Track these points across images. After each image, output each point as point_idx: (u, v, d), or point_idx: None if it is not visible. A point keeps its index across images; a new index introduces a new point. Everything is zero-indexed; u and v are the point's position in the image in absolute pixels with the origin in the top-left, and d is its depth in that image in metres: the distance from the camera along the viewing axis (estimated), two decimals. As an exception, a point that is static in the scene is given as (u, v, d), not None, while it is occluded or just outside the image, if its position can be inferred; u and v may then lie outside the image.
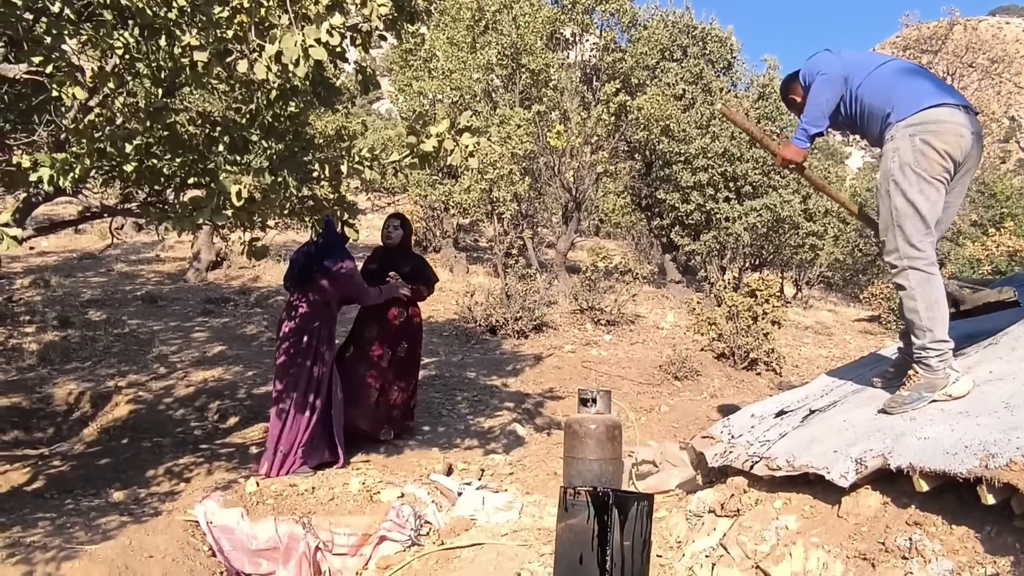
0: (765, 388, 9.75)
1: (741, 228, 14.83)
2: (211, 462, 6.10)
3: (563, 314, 12.45)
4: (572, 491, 3.56)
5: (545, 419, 7.84)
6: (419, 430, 7.12)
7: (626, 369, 9.79)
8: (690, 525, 4.20)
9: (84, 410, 7.79)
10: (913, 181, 3.75)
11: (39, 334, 10.39)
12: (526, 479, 5.96)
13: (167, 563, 4.39)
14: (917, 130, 3.78)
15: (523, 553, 4.52)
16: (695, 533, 4.07)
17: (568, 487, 3.62)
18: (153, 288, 13.80)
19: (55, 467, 6.09)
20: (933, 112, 3.78)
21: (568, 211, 14.91)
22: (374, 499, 5.22)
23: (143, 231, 20.36)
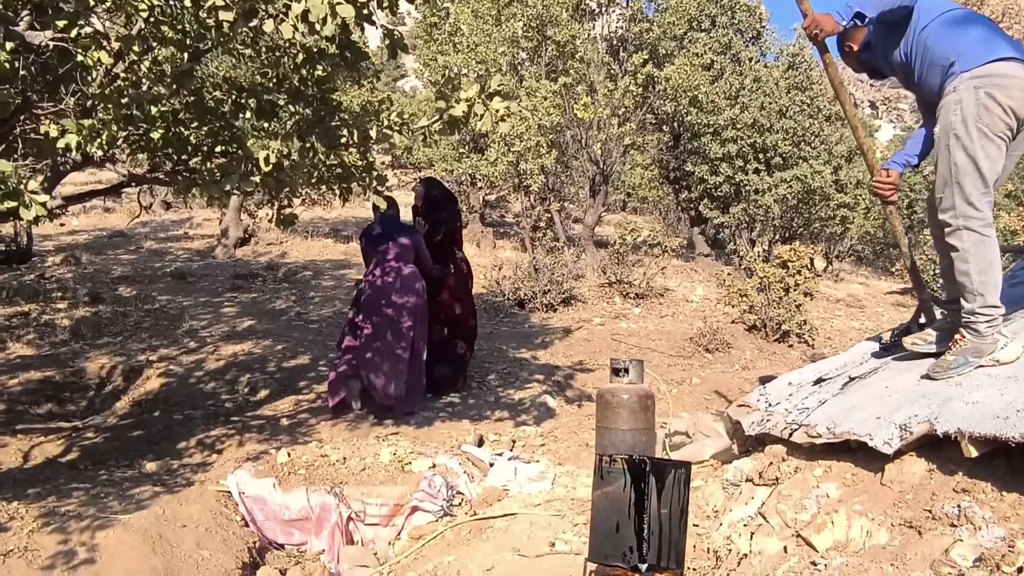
0: (797, 360, 9.62)
1: (771, 200, 14.64)
2: (242, 434, 6.11)
3: (591, 287, 12.36)
4: (608, 459, 3.50)
5: (575, 391, 7.78)
6: (449, 402, 7.09)
7: (656, 342, 9.70)
8: (727, 494, 4.13)
9: (116, 384, 7.83)
10: (975, 137, 3.58)
11: (71, 310, 10.47)
12: (557, 450, 5.91)
13: (200, 532, 4.39)
14: (982, 83, 3.59)
15: (557, 523, 4.47)
16: (732, 502, 4.00)
17: (600, 455, 3.56)
18: (182, 264, 13.86)
19: (88, 439, 6.12)
20: (1001, 66, 3.59)
21: (595, 184, 14.77)
22: (405, 469, 5.19)
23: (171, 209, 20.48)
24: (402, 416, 6.61)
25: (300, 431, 6.27)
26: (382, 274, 6.80)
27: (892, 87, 58.11)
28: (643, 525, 3.37)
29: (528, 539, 4.23)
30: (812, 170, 14.45)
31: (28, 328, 9.74)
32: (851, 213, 16.19)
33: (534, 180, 12.82)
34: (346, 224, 18.30)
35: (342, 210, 20.24)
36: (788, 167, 14.90)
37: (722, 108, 15.16)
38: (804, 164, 14.57)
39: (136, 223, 18.49)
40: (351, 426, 6.40)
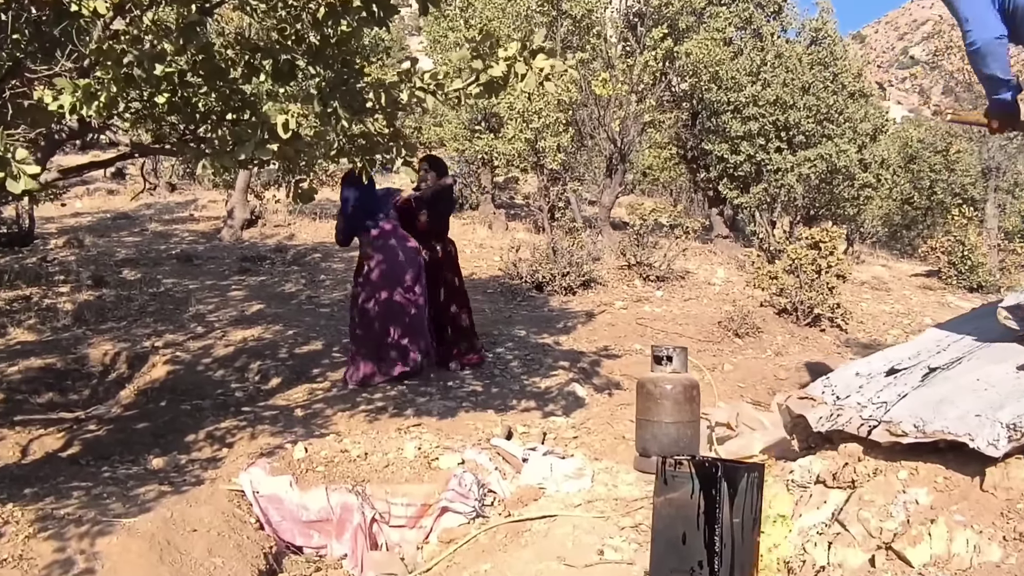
0: (831, 345, 9.23)
1: (793, 179, 14.19)
2: (254, 426, 5.73)
3: (610, 270, 11.95)
4: (673, 461, 3.11)
5: (603, 379, 7.39)
6: (472, 391, 6.70)
7: (683, 326, 9.30)
8: (794, 497, 3.73)
9: (120, 371, 7.46)
10: None
11: (73, 294, 10.10)
12: (592, 443, 5.53)
13: (212, 537, 4.02)
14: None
15: (601, 526, 4.09)
16: (802, 506, 3.60)
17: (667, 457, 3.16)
18: (187, 247, 13.49)
19: (91, 432, 5.75)
20: None
21: (613, 163, 14.32)
22: (432, 466, 4.81)
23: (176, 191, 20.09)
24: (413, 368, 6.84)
25: (316, 422, 5.89)
26: (386, 256, 6.90)
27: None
28: (714, 537, 2.98)
29: (573, 545, 3.84)
30: (837, 148, 14.00)
31: (29, 313, 9.37)
32: (874, 193, 15.76)
33: (553, 158, 12.38)
34: (355, 207, 17.81)
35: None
36: (811, 145, 14.46)
37: (743, 85, 14.69)
38: (829, 143, 14.11)
39: (140, 205, 18.12)
40: (370, 417, 6.02)
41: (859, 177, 14.73)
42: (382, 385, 6.76)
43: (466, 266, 12.13)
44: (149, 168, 20.51)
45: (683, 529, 3.05)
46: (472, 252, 13.28)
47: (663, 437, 4.90)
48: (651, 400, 4.94)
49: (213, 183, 17.29)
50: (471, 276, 11.48)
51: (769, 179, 14.61)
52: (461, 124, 15.27)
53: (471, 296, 10.32)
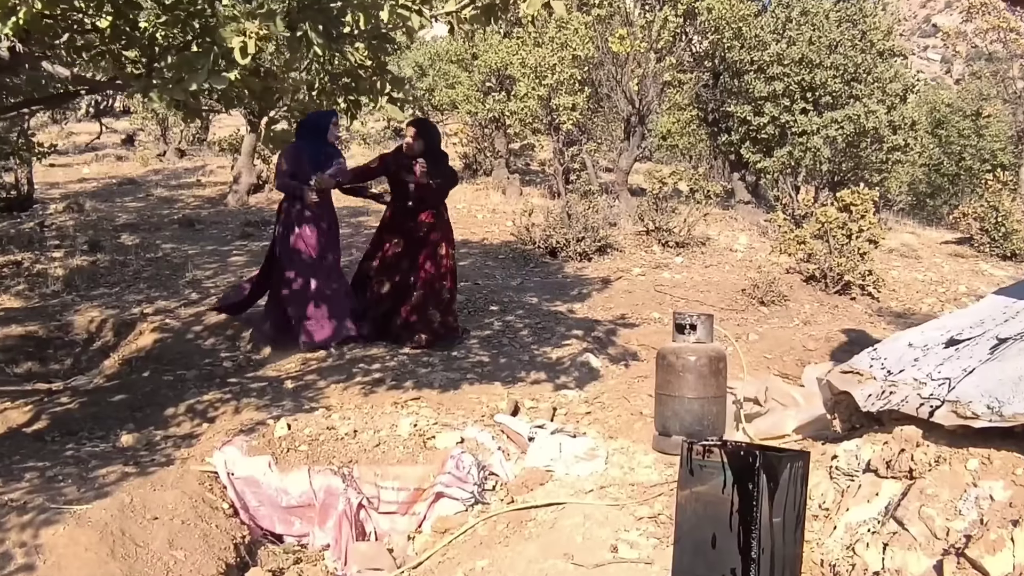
0: (862, 314, 8.68)
1: (820, 142, 13.54)
2: (239, 399, 5.27)
3: (627, 236, 11.42)
4: (701, 448, 2.60)
5: (619, 349, 6.89)
6: (478, 361, 6.22)
7: (704, 294, 8.77)
8: (838, 487, 3.22)
9: (106, 339, 7.02)
10: None
11: (67, 259, 9.67)
12: (607, 420, 5.03)
13: (175, 526, 3.56)
14: None
15: (615, 516, 3.60)
16: (849, 499, 3.10)
17: (693, 442, 2.66)
18: (191, 212, 13.05)
19: (62, 405, 5.31)
20: None
21: (630, 125, 13.72)
22: (428, 445, 4.33)
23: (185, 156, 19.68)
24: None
25: (306, 395, 5.42)
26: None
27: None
28: (751, 540, 2.48)
29: (583, 539, 3.36)
30: (865, 109, 13.32)
31: (19, 278, 8.97)
32: (904, 157, 15.08)
33: (568, 117, 11.80)
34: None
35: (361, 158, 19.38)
36: (838, 107, 13.78)
37: (767, 43, 14.01)
38: (857, 103, 13.43)
39: (148, 171, 17.77)
40: (366, 389, 5.54)
41: (888, 140, 14.05)
42: (381, 355, 6.29)
43: (477, 231, 11.66)
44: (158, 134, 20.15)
45: (712, 530, 2.55)
46: (484, 217, 12.78)
47: (685, 415, 4.40)
48: (672, 373, 4.44)
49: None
50: (483, 241, 11.00)
51: (793, 142, 13.97)
52: (473, 86, 14.72)
53: (483, 262, 9.89)
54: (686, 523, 2.64)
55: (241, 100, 3.43)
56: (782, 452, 2.66)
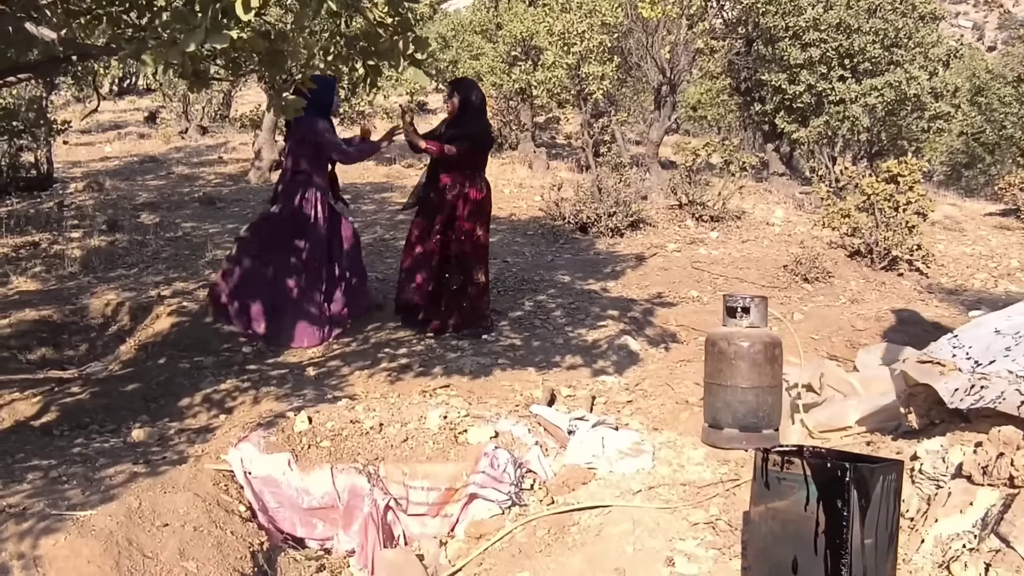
0: (911, 291, 8.26)
1: (859, 110, 13.02)
2: (258, 388, 4.99)
3: (659, 210, 11.02)
4: (780, 459, 2.26)
5: (658, 330, 6.54)
6: (509, 345, 5.89)
7: (744, 270, 8.38)
8: (922, 493, 2.86)
9: (122, 323, 6.75)
10: None
11: (84, 239, 9.42)
12: (650, 409, 4.69)
13: (186, 534, 3.27)
14: None
15: (668, 522, 3.27)
16: (937, 508, 2.74)
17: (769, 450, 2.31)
18: (212, 190, 12.77)
19: (72, 395, 5.03)
20: None
21: (661, 95, 13.27)
22: (460, 440, 4.01)
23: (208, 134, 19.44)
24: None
25: (329, 383, 5.13)
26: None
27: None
28: (840, 566, 2.13)
29: (634, 550, 3.03)
30: (907, 75, 12.78)
31: (36, 260, 8.73)
32: (946, 124, 14.52)
33: (597, 86, 11.37)
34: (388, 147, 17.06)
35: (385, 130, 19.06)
36: (878, 73, 13.25)
37: (803, 7, 13.47)
38: (898, 69, 12.89)
39: (170, 148, 17.54)
40: (392, 376, 5.24)
41: (930, 107, 13.51)
42: (408, 339, 5.98)
43: (504, 206, 11.28)
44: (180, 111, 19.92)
45: (793, 553, 2.22)
46: (511, 192, 12.41)
47: (738, 406, 4.05)
48: (724, 361, 4.09)
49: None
50: (510, 216, 10.65)
51: (830, 111, 13.47)
52: (498, 57, 14.31)
53: (512, 239, 9.55)
54: (760, 543, 2.30)
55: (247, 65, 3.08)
56: (873, 462, 2.30)
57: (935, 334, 6.68)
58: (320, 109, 5.97)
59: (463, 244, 6.13)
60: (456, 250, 6.14)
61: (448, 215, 6.13)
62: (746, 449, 4.03)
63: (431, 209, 6.20)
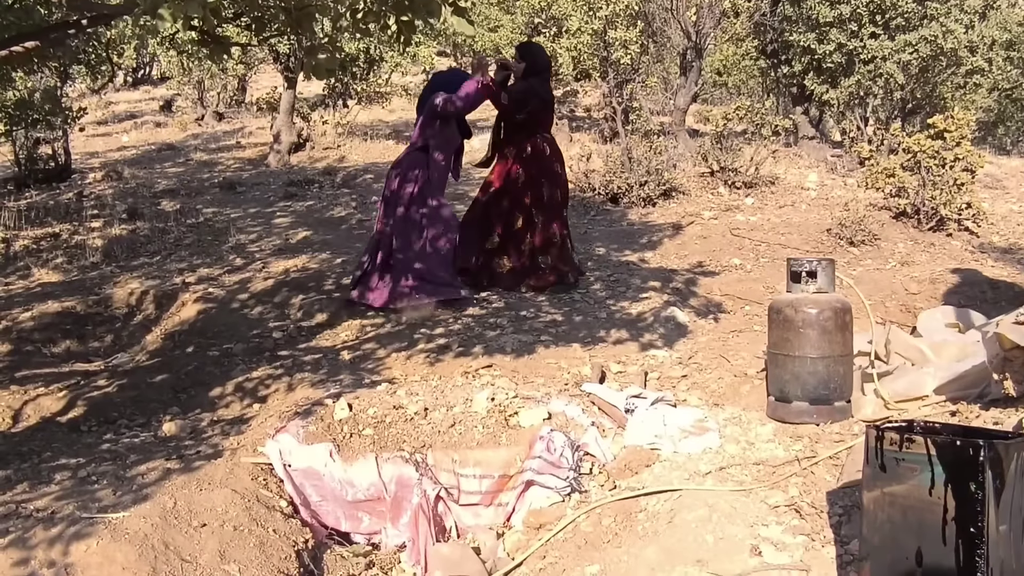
0: (962, 252, 7.91)
1: (894, 67, 12.58)
2: (292, 375, 4.75)
3: (690, 178, 10.70)
4: (898, 436, 1.98)
5: (703, 300, 6.25)
6: (551, 321, 5.63)
7: (785, 236, 8.06)
8: None
9: (147, 312, 6.54)
10: None
11: (105, 229, 9.23)
12: (707, 384, 4.42)
13: (226, 534, 3.04)
14: None
15: (744, 506, 3.01)
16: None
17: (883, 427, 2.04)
18: (232, 175, 12.57)
19: (99, 388, 4.82)
20: None
21: (687, 60, 12.89)
22: (510, 423, 3.76)
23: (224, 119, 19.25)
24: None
25: (366, 367, 4.89)
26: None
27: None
28: (975, 557, 1.86)
29: (714, 539, 2.77)
30: (944, 29, 12.32)
31: (57, 251, 8.55)
32: (983, 79, 14.04)
33: (626, 52, 11.02)
34: (407, 125, 16.82)
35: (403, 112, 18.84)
36: (911, 29, 12.78)
37: (832, -38, 13.03)
38: (934, 23, 12.42)
39: (187, 135, 17.37)
40: (431, 357, 5.00)
41: (967, 62, 13.03)
42: (444, 318, 5.73)
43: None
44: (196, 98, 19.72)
45: (916, 543, 1.95)
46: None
47: (808, 377, 3.77)
48: (791, 329, 3.80)
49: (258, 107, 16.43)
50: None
51: (861, 70, 13.03)
52: (517, 28, 13.97)
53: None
54: (877, 533, 2.03)
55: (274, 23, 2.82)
56: (1007, 437, 2.02)
57: (995, 295, 6.41)
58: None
59: (538, 200, 6.32)
60: (533, 206, 6.31)
61: (520, 174, 6.31)
62: (818, 423, 3.77)
63: (503, 171, 6.38)
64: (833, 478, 3.20)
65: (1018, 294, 6.07)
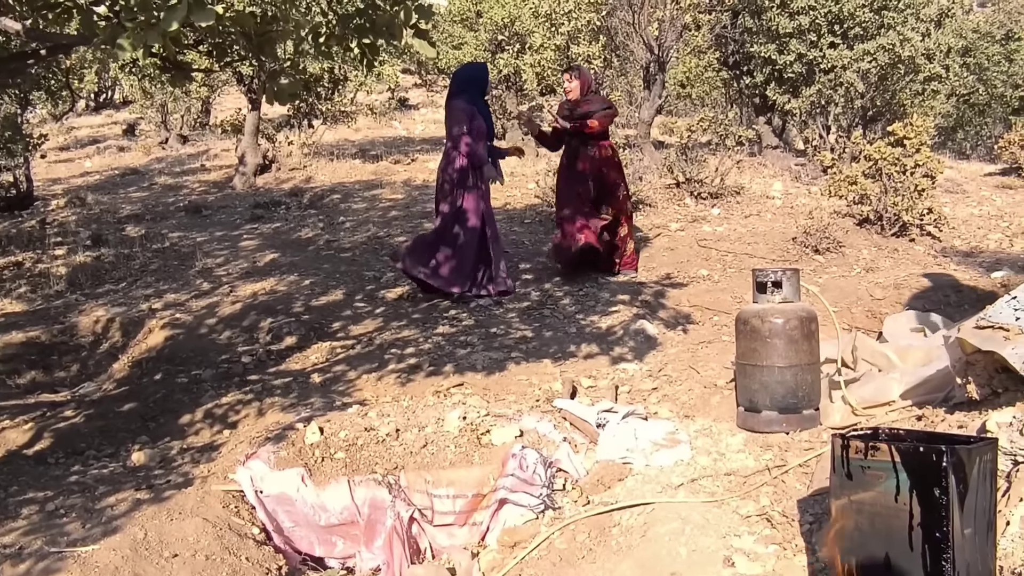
0: (925, 256, 8.03)
1: (853, 76, 12.78)
2: (262, 399, 4.72)
3: (656, 189, 10.77)
4: (863, 444, 2.01)
5: (672, 312, 6.29)
6: (521, 337, 5.64)
7: (752, 245, 8.14)
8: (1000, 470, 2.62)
9: (113, 340, 6.48)
10: None
11: (69, 256, 9.13)
12: (677, 396, 4.44)
13: (198, 564, 3.01)
14: None
15: (717, 517, 3.02)
16: (1021, 486, 2.50)
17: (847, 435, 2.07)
18: (197, 198, 12.48)
19: (66, 419, 4.75)
20: None
21: (650, 73, 13.00)
22: (483, 442, 3.76)
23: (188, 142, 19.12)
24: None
25: (336, 390, 4.87)
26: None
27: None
28: (941, 561, 1.89)
29: (687, 552, 2.78)
30: (900, 37, 12.54)
31: (20, 280, 8.44)
32: (941, 86, 14.29)
33: (590, 66, 11.11)
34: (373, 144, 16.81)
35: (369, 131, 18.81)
36: (869, 38, 13.00)
37: (790, -26, 13.21)
38: (891, 32, 12.64)
39: (151, 159, 17.22)
40: (402, 378, 4.99)
41: (924, 69, 13.27)
42: (414, 337, 5.73)
43: (498, 196, 10.99)
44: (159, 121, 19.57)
45: (884, 549, 1.97)
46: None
47: (776, 386, 3.80)
48: (758, 339, 3.84)
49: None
50: (504, 207, 10.40)
51: (821, 79, 13.21)
52: (480, 45, 14.02)
53: (509, 228, 9.29)
54: (847, 540, 2.05)
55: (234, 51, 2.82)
56: (970, 440, 2.05)
57: (959, 298, 6.51)
58: (472, 89, 6.65)
59: (613, 197, 7.23)
60: (609, 204, 7.19)
61: (595, 177, 7.16)
62: (787, 432, 3.80)
63: (579, 174, 7.18)
64: (803, 486, 3.23)
65: (981, 297, 6.16)
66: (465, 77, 6.77)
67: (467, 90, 6.59)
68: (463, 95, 6.56)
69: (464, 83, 6.66)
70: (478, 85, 6.69)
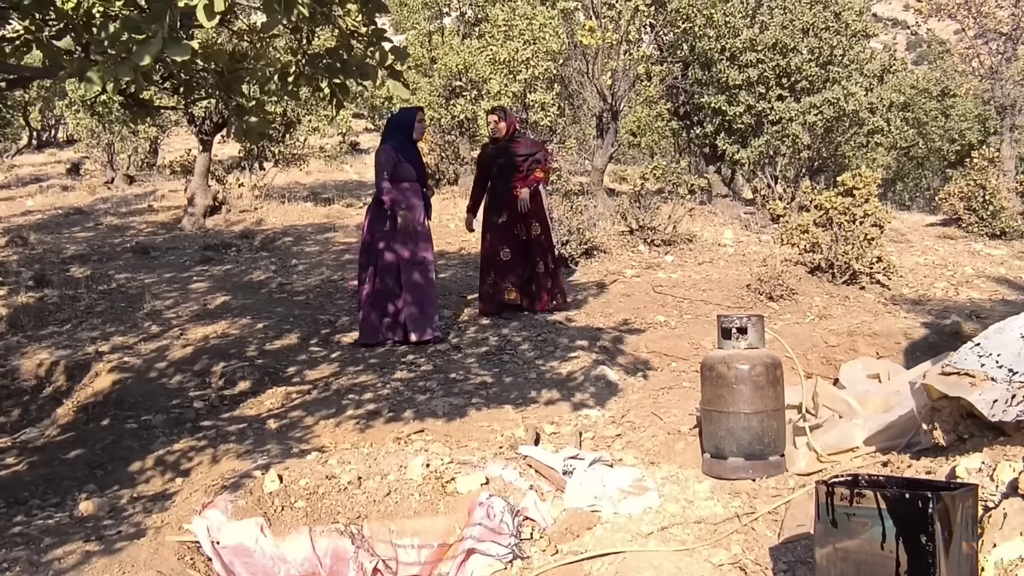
0: (876, 304, 8.17)
1: (799, 128, 13.10)
2: (216, 446, 4.58)
3: (610, 236, 10.85)
4: (848, 492, 1.99)
5: (630, 358, 6.29)
6: (481, 383, 5.58)
7: (707, 292, 8.20)
8: (973, 516, 2.62)
9: (58, 384, 6.26)
10: None
11: (11, 297, 8.84)
12: (641, 443, 4.42)
13: (153, 619, 2.87)
14: None
15: (689, 566, 2.98)
16: (994, 532, 2.50)
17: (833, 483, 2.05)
18: (145, 239, 12.23)
19: (8, 466, 4.56)
20: None
21: (603, 122, 13.17)
22: (447, 490, 3.67)
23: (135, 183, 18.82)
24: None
25: (294, 436, 4.75)
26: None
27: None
28: (930, 612, 1.86)
29: (662, 603, 2.73)
30: (845, 91, 12.91)
31: (-42, 324, 8.15)
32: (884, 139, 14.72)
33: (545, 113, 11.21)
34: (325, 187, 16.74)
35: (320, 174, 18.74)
36: (815, 91, 13.37)
37: (739, 29, 13.56)
38: (836, 86, 13.02)
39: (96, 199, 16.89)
40: (361, 424, 4.89)
41: (868, 122, 13.67)
42: (371, 382, 5.64)
43: (453, 241, 11.02)
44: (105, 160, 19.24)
45: (872, 599, 1.93)
46: (456, 226, 12.14)
47: (742, 433, 3.80)
48: (723, 386, 3.84)
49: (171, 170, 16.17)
50: (460, 251, 10.39)
51: (770, 131, 13.53)
52: (435, 91, 14.10)
53: (464, 273, 9.27)
54: (832, 591, 2.02)
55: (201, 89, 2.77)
56: (951, 488, 2.05)
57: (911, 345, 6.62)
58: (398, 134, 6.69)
59: (539, 233, 7.44)
60: (535, 240, 7.39)
61: (522, 216, 7.31)
62: (754, 478, 3.79)
63: (507, 217, 7.33)
64: (773, 533, 3.21)
65: (932, 344, 6.27)
66: (393, 122, 6.90)
67: (393, 135, 6.69)
68: (390, 140, 6.68)
69: (391, 128, 6.80)
70: (404, 129, 6.71)
